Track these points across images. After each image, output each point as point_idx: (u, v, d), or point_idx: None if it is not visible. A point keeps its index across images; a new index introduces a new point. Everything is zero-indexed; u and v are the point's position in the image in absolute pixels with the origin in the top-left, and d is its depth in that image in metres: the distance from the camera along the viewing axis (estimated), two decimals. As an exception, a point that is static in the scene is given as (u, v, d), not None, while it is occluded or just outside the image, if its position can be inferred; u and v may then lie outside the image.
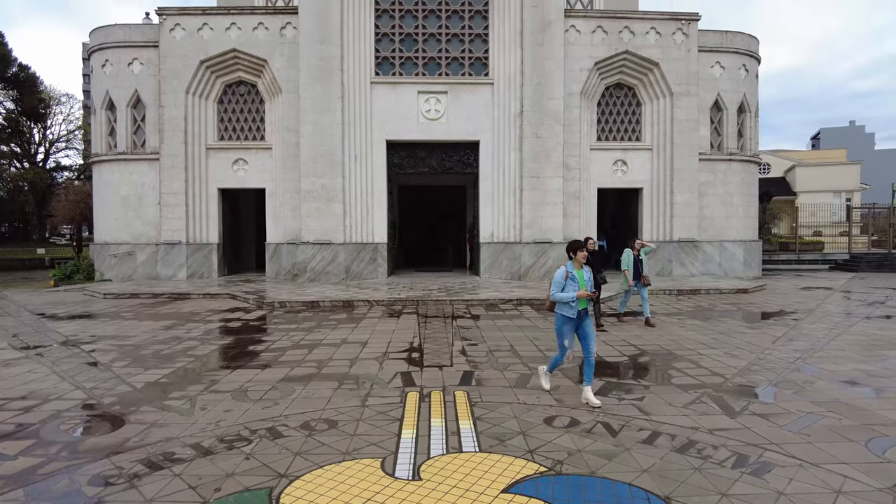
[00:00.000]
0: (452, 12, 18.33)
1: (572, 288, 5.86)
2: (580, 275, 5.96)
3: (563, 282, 5.90)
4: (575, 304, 5.83)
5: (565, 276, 5.91)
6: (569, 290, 5.86)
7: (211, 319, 11.66)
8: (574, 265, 6.01)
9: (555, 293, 5.91)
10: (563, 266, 6.06)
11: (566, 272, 5.94)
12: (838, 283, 18.96)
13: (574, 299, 5.81)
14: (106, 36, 18.69)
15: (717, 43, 19.20)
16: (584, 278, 5.95)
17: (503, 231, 18.19)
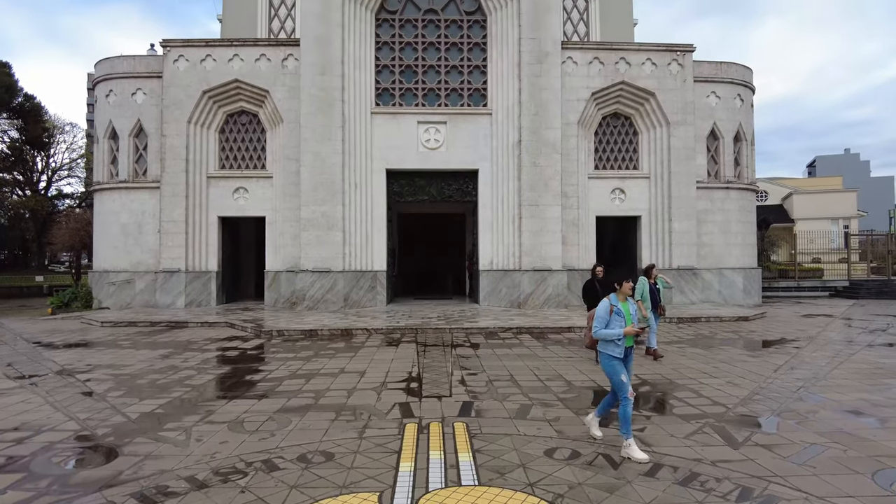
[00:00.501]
0: (451, 45, 18.70)
1: (618, 324, 5.31)
2: (626, 308, 5.41)
3: (607, 317, 5.34)
4: (621, 342, 5.29)
5: (610, 311, 5.35)
6: (614, 325, 5.30)
7: (208, 348, 11.56)
8: (618, 297, 5.47)
9: (598, 329, 5.33)
10: (605, 299, 5.48)
11: (610, 306, 5.38)
12: (839, 310, 18.89)
13: (621, 337, 5.26)
14: (111, 67, 19.02)
15: (711, 73, 19.54)
16: (629, 312, 5.41)
17: (502, 259, 18.20)
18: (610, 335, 5.27)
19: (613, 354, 5.32)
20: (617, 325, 5.30)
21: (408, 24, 18.72)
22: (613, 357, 5.32)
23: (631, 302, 5.54)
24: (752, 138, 20.41)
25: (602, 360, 5.45)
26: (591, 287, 10.20)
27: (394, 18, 18.70)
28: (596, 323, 5.39)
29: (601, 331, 5.33)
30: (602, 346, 5.41)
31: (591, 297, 9.93)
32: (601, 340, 5.40)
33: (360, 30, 18.17)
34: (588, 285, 10.41)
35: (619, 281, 5.46)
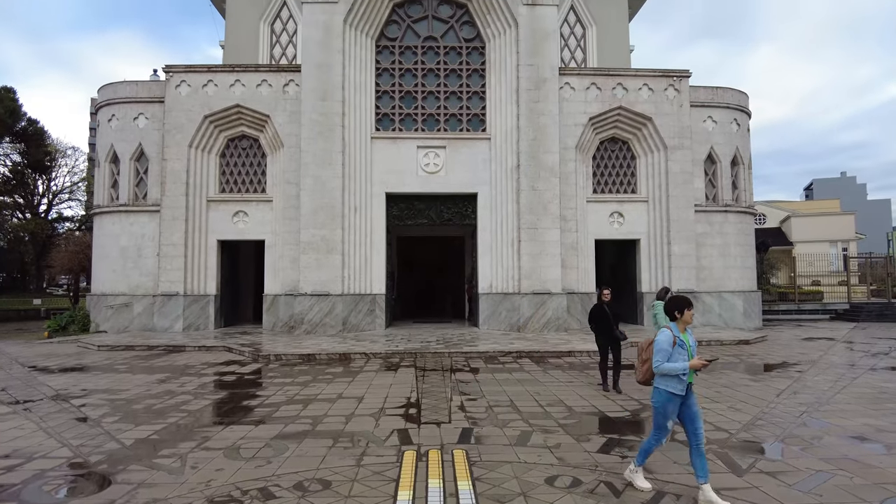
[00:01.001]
0: (451, 71, 18.96)
1: (681, 356, 4.73)
2: (686, 339, 4.85)
3: (669, 349, 4.75)
4: (685, 377, 4.75)
5: (672, 342, 4.76)
6: (677, 358, 4.73)
7: (205, 373, 11.45)
8: (679, 327, 4.87)
9: (660, 363, 4.74)
10: (666, 329, 4.88)
11: (673, 337, 4.78)
12: (840, 333, 18.80)
13: (685, 371, 4.70)
14: (114, 92, 19.24)
15: (708, 98, 19.78)
16: (690, 343, 4.85)
17: (502, 282, 18.18)
18: (674, 369, 4.69)
19: (674, 391, 4.75)
20: (680, 357, 4.75)
21: (407, 50, 19.01)
22: (673, 395, 4.76)
23: (690, 332, 4.98)
24: (750, 162, 20.56)
25: (657, 397, 4.86)
26: (600, 312, 9.66)
27: (394, 45, 19.00)
28: (657, 356, 4.79)
29: (664, 364, 4.72)
30: (661, 382, 4.84)
31: (600, 323, 9.59)
32: (660, 376, 4.82)
33: (360, 56, 18.44)
34: (596, 310, 9.80)
35: (681, 308, 4.84)
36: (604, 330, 9.56)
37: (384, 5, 18.75)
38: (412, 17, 19.11)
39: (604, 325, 9.55)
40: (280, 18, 22.64)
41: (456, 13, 19.18)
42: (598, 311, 9.75)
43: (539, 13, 18.40)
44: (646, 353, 5.06)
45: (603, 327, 9.57)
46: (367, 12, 18.42)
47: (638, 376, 5.14)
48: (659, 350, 4.79)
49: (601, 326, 9.59)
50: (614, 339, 9.49)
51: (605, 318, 9.53)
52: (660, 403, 4.84)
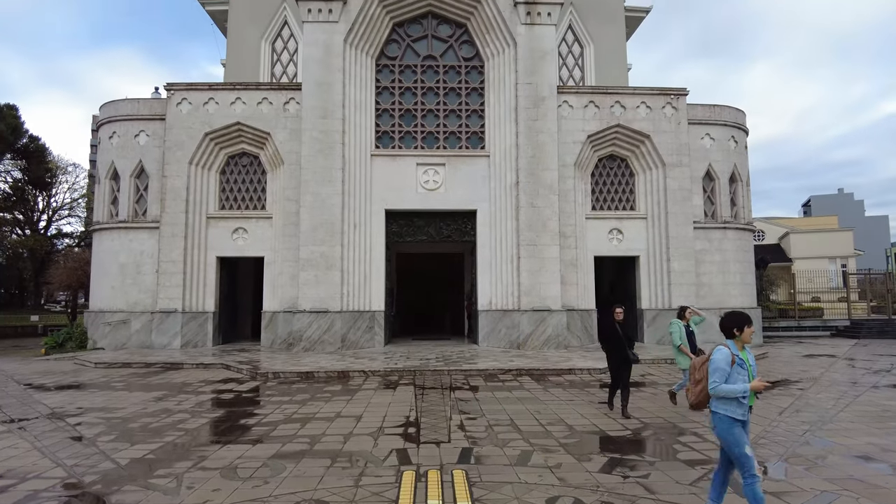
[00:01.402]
0: (450, 90, 19.13)
1: (741, 377, 4.33)
2: (746, 358, 4.45)
3: (727, 368, 4.33)
4: (746, 400, 4.33)
5: (731, 361, 4.36)
6: (736, 379, 4.32)
7: (203, 391, 11.36)
8: (737, 345, 4.48)
9: (718, 385, 4.30)
10: (722, 346, 4.46)
11: (731, 355, 4.38)
12: (841, 350, 18.72)
13: (746, 393, 4.29)
14: (116, 109, 19.37)
15: (705, 116, 19.93)
16: (751, 363, 4.46)
17: (501, 299, 18.13)
18: (734, 391, 4.25)
19: (735, 416, 4.29)
20: (740, 378, 4.33)
21: (407, 69, 19.19)
22: (735, 420, 4.30)
23: (749, 350, 4.57)
24: (748, 179, 20.65)
25: (719, 424, 4.37)
26: (612, 331, 9.07)
27: (394, 64, 19.18)
28: (713, 376, 4.34)
29: (722, 386, 4.28)
30: (719, 406, 4.38)
31: (613, 343, 9.02)
32: (717, 399, 4.38)
33: (360, 75, 18.61)
34: (608, 330, 9.18)
35: (740, 325, 4.47)
36: (616, 351, 9.00)
37: (384, 25, 18.98)
38: (412, 36, 19.33)
39: (616, 346, 9.00)
40: (281, 37, 22.91)
41: (455, 32, 19.40)
42: (610, 331, 9.16)
43: (537, 32, 18.61)
44: (699, 374, 4.58)
45: (615, 348, 9.02)
46: (367, 31, 18.63)
47: (690, 398, 4.62)
48: (716, 370, 4.34)
49: (613, 347, 9.05)
50: (626, 361, 8.91)
51: (618, 338, 8.99)
52: (724, 431, 4.35)
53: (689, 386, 4.66)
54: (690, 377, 4.68)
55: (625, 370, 8.90)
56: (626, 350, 8.87)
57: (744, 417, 4.30)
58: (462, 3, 18.91)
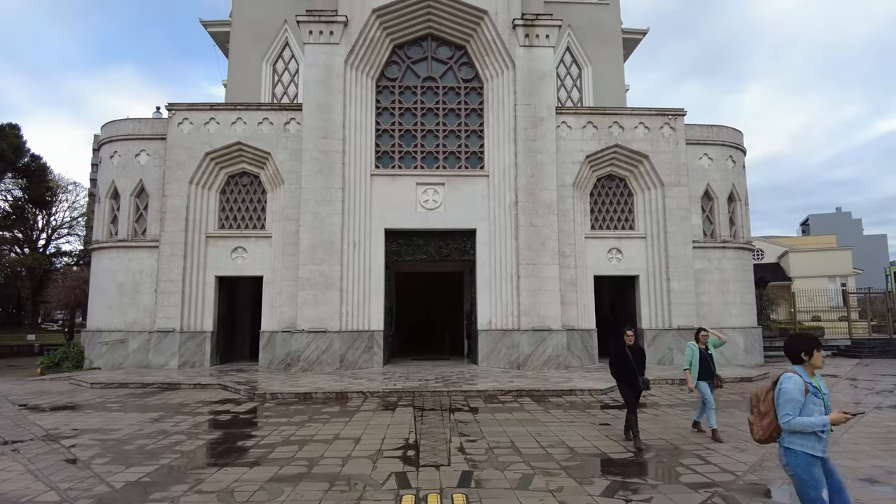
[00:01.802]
0: (449, 110, 19.30)
1: (817, 408, 3.87)
2: (819, 385, 4.01)
3: (802, 398, 3.86)
4: (824, 434, 3.88)
5: (805, 391, 3.88)
6: (811, 410, 3.86)
7: (200, 412, 11.24)
8: (806, 371, 4.04)
9: (791, 418, 3.82)
10: (791, 374, 4.00)
11: (804, 383, 3.92)
12: (843, 370, 18.60)
13: (826, 426, 3.83)
14: (117, 129, 19.49)
15: (703, 136, 20.09)
16: (824, 391, 4.00)
17: (501, 318, 18.05)
18: (812, 425, 3.78)
19: (813, 453, 3.82)
20: (816, 409, 3.86)
21: (407, 90, 19.38)
22: (814, 457, 3.83)
23: (819, 376, 4.13)
24: (746, 198, 20.73)
25: (795, 461, 3.89)
26: (622, 356, 8.54)
27: (394, 85, 19.38)
28: (785, 409, 3.86)
29: (798, 420, 3.81)
30: (795, 441, 3.90)
31: (623, 369, 8.50)
32: (792, 433, 3.90)
33: (361, 96, 18.78)
34: (617, 354, 8.64)
35: (808, 349, 4.01)
36: (626, 376, 8.48)
37: (385, 47, 19.21)
38: (412, 58, 19.56)
39: (627, 371, 8.47)
40: (282, 58, 23.16)
41: (455, 55, 19.64)
42: (620, 355, 8.60)
43: (536, 55, 18.84)
44: (763, 405, 4.11)
45: (626, 374, 8.48)
46: (367, 53, 18.86)
47: (756, 434, 4.13)
48: (788, 401, 3.85)
49: (624, 372, 8.50)
50: (635, 389, 8.41)
51: (628, 363, 8.44)
52: (802, 470, 3.86)
53: (753, 419, 4.18)
54: (752, 409, 4.22)
55: (634, 396, 8.46)
56: (636, 377, 8.38)
57: (823, 454, 3.86)
58: (461, 26, 19.18)
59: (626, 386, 8.48)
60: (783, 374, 4.03)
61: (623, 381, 8.52)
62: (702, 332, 9.33)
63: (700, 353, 8.99)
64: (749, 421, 4.26)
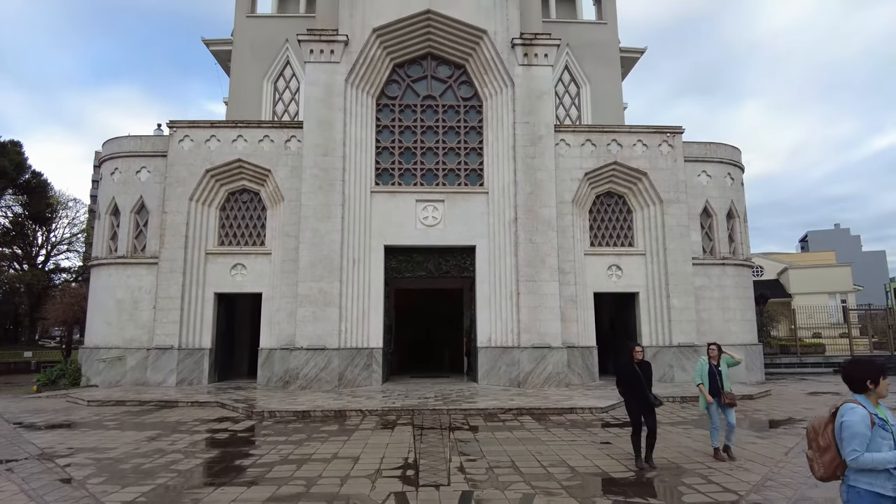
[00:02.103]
0: (449, 128, 19.44)
1: (886, 442, 3.45)
2: (886, 416, 3.57)
3: (868, 432, 3.44)
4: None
5: (871, 423, 3.46)
6: (880, 445, 3.44)
7: (198, 430, 11.14)
8: (870, 400, 3.63)
9: (859, 454, 3.40)
10: (854, 405, 3.57)
11: (869, 415, 3.49)
12: (845, 387, 18.43)
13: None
14: (118, 146, 19.60)
15: (701, 153, 20.20)
16: (892, 422, 3.56)
17: (501, 335, 17.98)
18: (884, 461, 3.35)
19: (883, 492, 3.40)
20: (884, 444, 3.44)
21: (407, 108, 19.54)
22: (884, 497, 3.40)
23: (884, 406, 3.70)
24: (745, 215, 20.79)
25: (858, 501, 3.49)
26: (631, 372, 8.24)
27: (394, 104, 19.54)
28: (852, 444, 3.43)
29: (866, 457, 3.38)
30: (861, 480, 3.48)
31: (631, 386, 8.21)
32: (857, 471, 3.48)
33: (361, 114, 18.92)
34: (625, 370, 8.37)
35: (874, 376, 3.64)
36: (635, 394, 8.19)
37: (385, 65, 19.41)
38: (412, 76, 19.75)
39: (635, 389, 8.17)
40: (283, 77, 23.39)
41: (454, 73, 19.83)
42: (628, 372, 8.32)
43: (534, 73, 19.03)
44: (823, 439, 3.66)
45: (634, 391, 8.19)
46: (368, 72, 19.04)
47: (817, 471, 3.67)
48: (854, 435, 3.43)
49: (632, 390, 8.21)
50: (648, 406, 8.11)
51: (637, 379, 8.16)
52: None
53: (812, 454, 3.72)
54: (811, 443, 3.76)
55: (648, 416, 8.09)
56: (647, 393, 8.11)
57: (894, 494, 3.38)
58: (461, 46, 19.40)
59: (635, 403, 8.16)
60: (844, 404, 3.61)
61: (632, 399, 8.21)
62: (710, 347, 8.96)
63: (709, 369, 8.68)
64: (808, 457, 3.78)
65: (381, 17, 18.91)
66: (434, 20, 19.09)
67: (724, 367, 8.71)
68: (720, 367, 8.68)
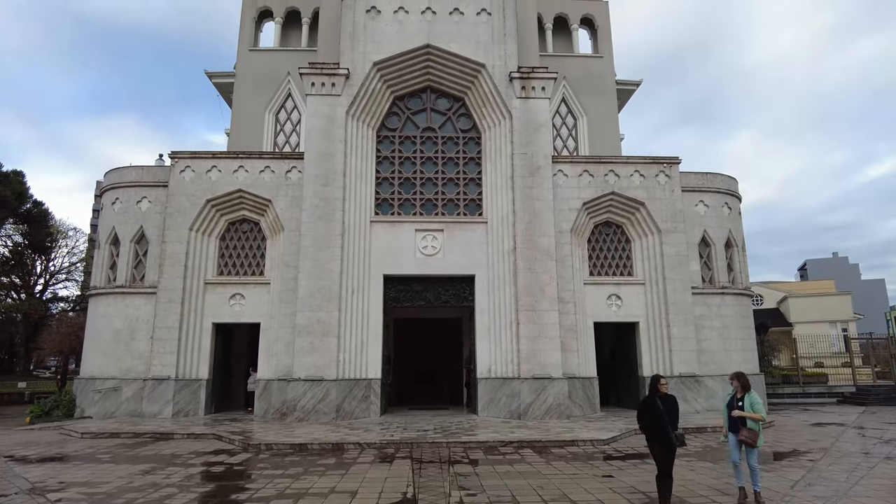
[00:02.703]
0: (448, 159, 19.65)
1: None
2: None
3: None
4: None
5: None
6: None
7: (193, 462, 10.95)
8: None
9: None
10: None
11: None
12: (849, 418, 18.26)
13: None
14: (120, 176, 19.75)
15: (698, 183, 20.38)
16: None
17: (501, 366, 17.82)
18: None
19: None
20: None
21: (407, 140, 19.79)
22: None
23: None
24: (743, 244, 20.86)
25: None
26: (652, 407, 7.49)
27: (394, 135, 19.79)
28: None
29: None
30: None
31: (653, 423, 7.45)
32: None
33: (361, 145, 19.14)
34: (647, 406, 7.60)
35: None
36: (657, 432, 7.41)
37: (385, 98, 19.73)
38: (412, 109, 20.05)
39: (657, 424, 7.40)
40: (284, 108, 23.76)
41: (453, 106, 20.15)
42: (649, 408, 7.54)
43: (532, 106, 19.34)
44: None
45: (655, 428, 7.43)
46: (368, 104, 19.34)
47: None
48: None
49: (654, 427, 7.43)
50: (668, 444, 7.36)
51: (658, 415, 7.37)
52: None
53: None
54: None
55: (667, 456, 7.39)
56: (668, 430, 7.34)
57: None
58: (459, 79, 19.76)
59: (656, 443, 7.45)
60: None
61: (653, 438, 7.50)
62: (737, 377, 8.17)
63: (731, 400, 8.01)
64: None
65: (381, 51, 19.31)
66: (433, 54, 19.49)
67: (747, 402, 7.86)
68: (742, 401, 7.90)
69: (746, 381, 7.97)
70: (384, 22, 19.67)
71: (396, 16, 19.71)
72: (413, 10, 19.74)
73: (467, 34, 19.69)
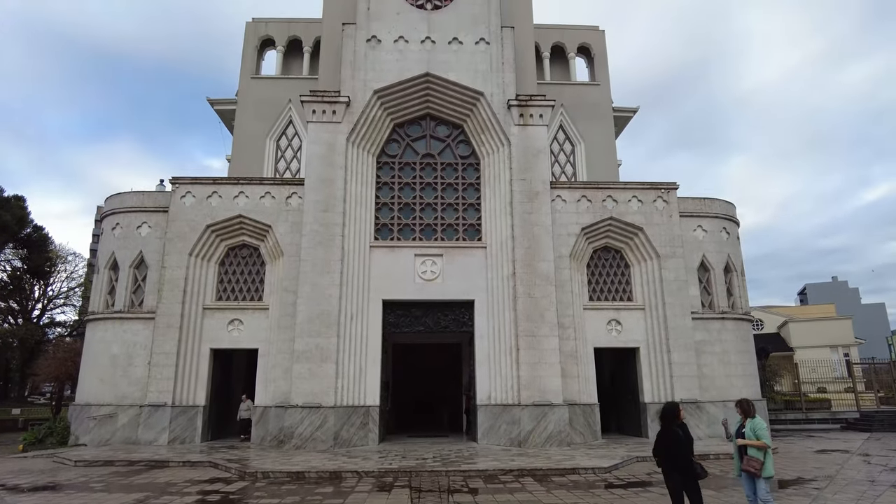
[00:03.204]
0: (447, 185, 19.81)
1: None
2: None
3: None
4: None
5: None
6: None
7: (188, 491, 10.77)
8: None
9: None
10: None
11: None
12: (854, 445, 18.04)
13: None
14: (121, 201, 19.86)
15: (697, 209, 20.51)
16: None
17: (500, 392, 17.66)
18: None
19: None
20: None
21: (406, 166, 19.97)
22: None
23: None
24: (742, 269, 20.89)
25: None
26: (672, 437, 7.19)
27: (394, 161, 19.98)
28: None
29: None
30: None
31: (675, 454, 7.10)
32: None
33: (361, 171, 19.31)
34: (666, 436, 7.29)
35: None
36: (679, 463, 7.07)
37: (385, 125, 19.98)
38: (411, 136, 20.29)
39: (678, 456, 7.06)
40: (286, 135, 24.03)
41: (452, 133, 20.39)
42: (669, 436, 7.22)
43: (530, 132, 19.58)
44: None
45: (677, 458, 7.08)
46: (368, 131, 19.57)
47: None
48: None
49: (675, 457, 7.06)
50: (692, 476, 7.07)
51: (680, 445, 7.07)
52: None
53: None
54: None
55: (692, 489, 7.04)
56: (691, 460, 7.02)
57: None
58: (459, 107, 20.04)
59: (678, 474, 7.07)
60: None
61: (674, 469, 7.11)
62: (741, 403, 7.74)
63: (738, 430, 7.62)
64: None
65: (381, 79, 19.63)
66: (433, 83, 19.80)
67: (749, 429, 7.46)
68: (744, 430, 7.50)
69: (747, 407, 7.61)
70: (384, 51, 20.03)
71: (397, 45, 20.09)
72: (413, 39, 20.12)
73: (466, 63, 20.04)
